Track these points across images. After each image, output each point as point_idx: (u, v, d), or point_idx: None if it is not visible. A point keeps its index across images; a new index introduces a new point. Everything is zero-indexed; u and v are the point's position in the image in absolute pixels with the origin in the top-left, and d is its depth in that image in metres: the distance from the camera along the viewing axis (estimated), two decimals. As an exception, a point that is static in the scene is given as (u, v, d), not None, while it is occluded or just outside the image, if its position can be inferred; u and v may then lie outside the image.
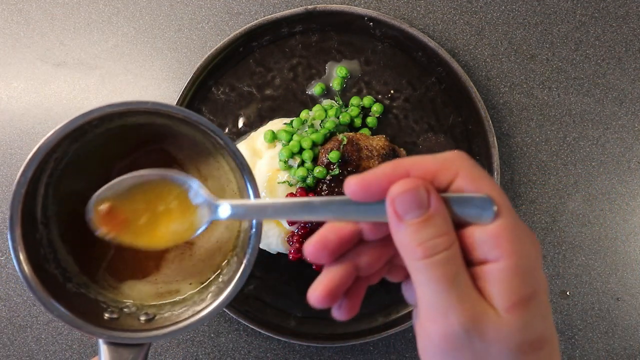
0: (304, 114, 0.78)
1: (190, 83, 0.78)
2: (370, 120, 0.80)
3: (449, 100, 0.81)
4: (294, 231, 0.74)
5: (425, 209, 0.38)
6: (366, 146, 0.74)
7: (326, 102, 0.80)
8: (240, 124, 0.80)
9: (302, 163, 0.75)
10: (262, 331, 0.77)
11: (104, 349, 0.49)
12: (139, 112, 0.52)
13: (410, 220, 0.38)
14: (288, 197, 0.73)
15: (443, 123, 0.81)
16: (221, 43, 0.78)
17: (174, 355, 0.81)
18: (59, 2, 0.84)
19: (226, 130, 0.81)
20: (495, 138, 0.78)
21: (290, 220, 0.73)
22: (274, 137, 0.76)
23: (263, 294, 0.79)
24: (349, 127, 0.80)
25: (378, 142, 0.75)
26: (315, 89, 0.81)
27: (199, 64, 0.78)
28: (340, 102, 0.80)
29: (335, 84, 0.81)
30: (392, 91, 0.81)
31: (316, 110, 0.78)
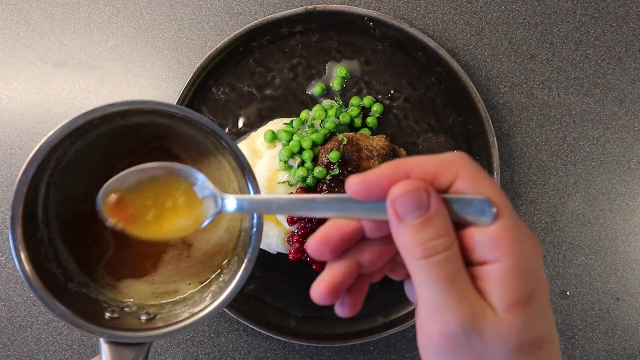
0: (304, 114, 0.78)
1: (190, 83, 0.78)
2: (370, 120, 0.80)
3: (449, 100, 0.81)
4: (294, 231, 0.74)
5: (425, 210, 0.38)
6: (366, 146, 0.74)
7: (326, 102, 0.80)
8: (240, 124, 0.80)
9: (302, 163, 0.75)
10: (262, 331, 0.77)
11: (104, 348, 0.50)
12: (140, 112, 0.52)
13: (410, 221, 0.38)
14: (291, 194, 0.73)
15: (443, 123, 0.81)
16: (221, 43, 0.78)
17: (174, 355, 0.81)
18: (59, 2, 0.84)
19: (226, 130, 0.81)
20: (495, 138, 0.78)
21: (291, 220, 0.73)
22: (274, 137, 0.76)
23: (263, 294, 0.79)
24: (349, 127, 0.80)
25: (378, 142, 0.75)
26: (315, 89, 0.81)
27: (199, 64, 0.78)
28: (340, 102, 0.80)
29: (335, 84, 0.81)
30: (392, 91, 0.81)
31: (316, 110, 0.78)
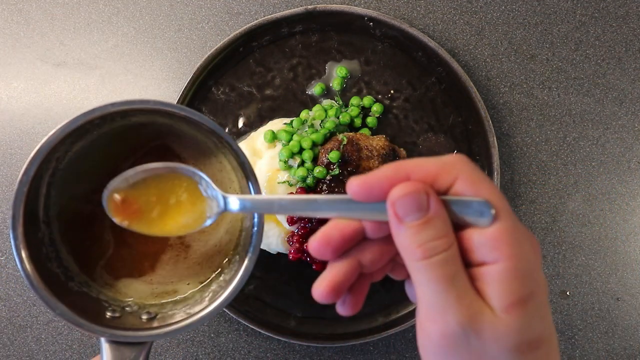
0: (304, 114, 0.78)
1: (190, 83, 0.78)
2: (370, 120, 0.80)
3: (449, 100, 0.81)
4: (294, 231, 0.74)
5: (424, 212, 0.39)
6: (366, 146, 0.74)
7: (326, 102, 0.80)
8: (240, 124, 0.80)
9: (302, 163, 0.75)
10: (262, 331, 0.77)
11: (106, 347, 0.50)
12: (141, 112, 0.52)
13: (410, 222, 0.39)
14: (293, 194, 0.73)
15: (443, 123, 0.81)
16: (221, 43, 0.78)
17: (174, 355, 0.81)
18: (59, 2, 0.84)
19: (226, 130, 0.81)
20: (495, 138, 0.78)
21: (291, 220, 0.73)
22: (274, 137, 0.76)
23: (263, 294, 0.79)
24: (349, 127, 0.80)
25: (378, 142, 0.75)
26: (315, 89, 0.81)
27: (199, 64, 0.78)
28: (340, 102, 0.80)
29: (335, 84, 0.81)
30: (392, 91, 0.81)
31: (316, 110, 0.78)
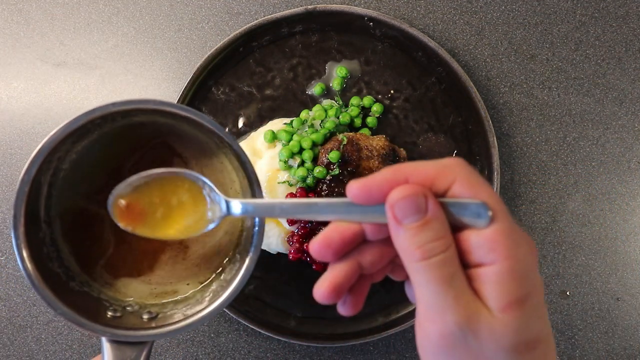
0: (304, 114, 0.78)
1: (190, 83, 0.78)
2: (370, 120, 0.80)
3: (449, 100, 0.81)
4: (294, 231, 0.74)
5: (423, 214, 0.39)
6: (366, 146, 0.74)
7: (326, 102, 0.80)
8: (240, 124, 0.80)
9: (302, 163, 0.75)
10: (262, 331, 0.77)
11: (107, 347, 0.50)
12: (142, 111, 0.52)
13: (409, 224, 0.40)
14: (295, 198, 0.73)
15: (443, 123, 0.81)
16: (221, 43, 0.78)
17: (174, 355, 0.81)
18: (59, 2, 0.84)
19: (226, 130, 0.81)
20: (495, 138, 0.78)
21: (291, 220, 0.73)
22: (274, 137, 0.76)
23: (263, 294, 0.79)
24: (349, 127, 0.80)
25: (378, 142, 0.75)
26: (315, 89, 0.81)
27: (199, 64, 0.78)
28: (340, 102, 0.80)
29: (335, 84, 0.81)
30: (392, 91, 0.81)
31: (316, 110, 0.78)
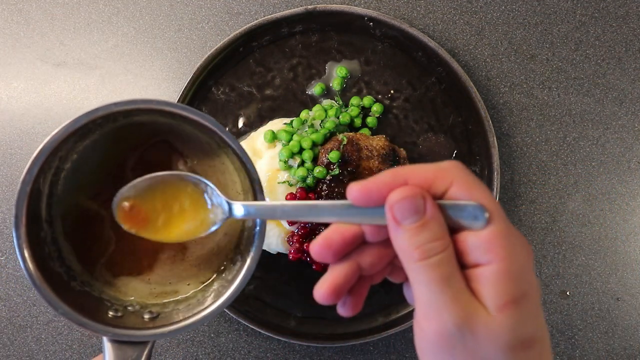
0: (304, 114, 0.78)
1: (190, 83, 0.78)
2: (370, 120, 0.80)
3: (449, 100, 0.81)
4: (294, 231, 0.74)
5: (421, 215, 0.40)
6: (366, 146, 0.74)
7: (326, 102, 0.80)
8: (240, 124, 0.80)
9: (302, 163, 0.75)
10: (262, 331, 0.77)
11: (108, 347, 0.50)
12: (143, 111, 0.52)
13: (407, 225, 0.40)
14: (296, 200, 0.73)
15: (443, 123, 0.81)
16: (221, 43, 0.78)
17: (174, 355, 0.81)
18: (59, 2, 0.84)
19: (226, 130, 0.81)
20: (495, 138, 0.78)
21: (291, 220, 0.73)
22: (274, 137, 0.76)
23: (263, 294, 0.79)
24: (349, 127, 0.80)
25: (378, 142, 0.75)
26: (315, 89, 0.81)
27: (199, 64, 0.78)
28: (340, 102, 0.80)
29: (335, 84, 0.81)
30: (392, 91, 0.81)
31: (316, 110, 0.78)
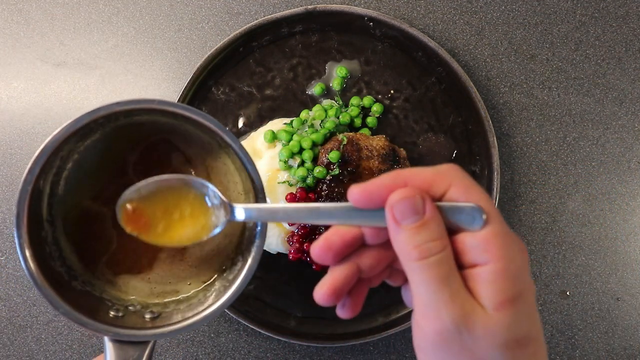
0: (304, 114, 0.78)
1: (190, 83, 0.78)
2: (370, 120, 0.80)
3: (449, 100, 0.81)
4: (294, 231, 0.74)
5: (421, 215, 0.41)
6: (366, 146, 0.74)
7: (326, 102, 0.80)
8: (240, 124, 0.80)
9: (302, 163, 0.75)
10: (262, 331, 0.77)
11: (109, 346, 0.50)
12: (145, 111, 0.51)
13: (407, 225, 0.41)
14: (296, 200, 0.73)
15: (443, 123, 0.81)
16: (221, 43, 0.78)
17: (174, 355, 0.81)
18: (59, 2, 0.84)
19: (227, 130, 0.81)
20: (495, 138, 0.78)
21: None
22: (274, 137, 0.76)
23: (263, 294, 0.79)
24: (349, 127, 0.80)
25: (378, 142, 0.75)
26: (315, 89, 0.81)
27: (199, 64, 0.78)
28: (340, 102, 0.80)
29: (335, 84, 0.81)
30: (392, 91, 0.81)
31: (316, 110, 0.78)
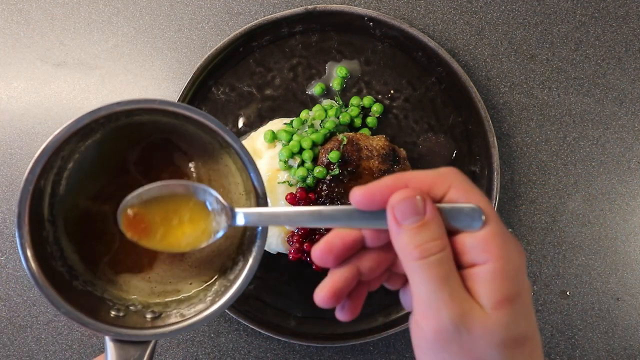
0: (304, 114, 0.78)
1: (190, 83, 0.78)
2: (370, 120, 0.80)
3: (449, 100, 0.81)
4: (294, 231, 0.74)
5: (421, 216, 0.42)
6: (366, 146, 0.74)
7: (326, 102, 0.80)
8: (240, 124, 0.80)
9: (302, 163, 0.75)
10: (262, 331, 0.77)
11: (110, 346, 0.50)
12: (146, 111, 0.51)
13: (408, 225, 0.42)
14: (299, 206, 0.73)
15: (443, 123, 0.81)
16: (221, 43, 0.78)
17: (174, 355, 0.81)
18: (59, 2, 0.84)
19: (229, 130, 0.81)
20: (495, 138, 0.78)
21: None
22: (274, 137, 0.76)
23: (263, 294, 0.79)
24: (349, 127, 0.80)
25: (378, 142, 0.75)
26: (315, 89, 0.81)
27: (199, 64, 0.78)
28: (340, 102, 0.80)
29: (335, 84, 0.81)
30: (392, 91, 0.81)
31: (316, 110, 0.78)
